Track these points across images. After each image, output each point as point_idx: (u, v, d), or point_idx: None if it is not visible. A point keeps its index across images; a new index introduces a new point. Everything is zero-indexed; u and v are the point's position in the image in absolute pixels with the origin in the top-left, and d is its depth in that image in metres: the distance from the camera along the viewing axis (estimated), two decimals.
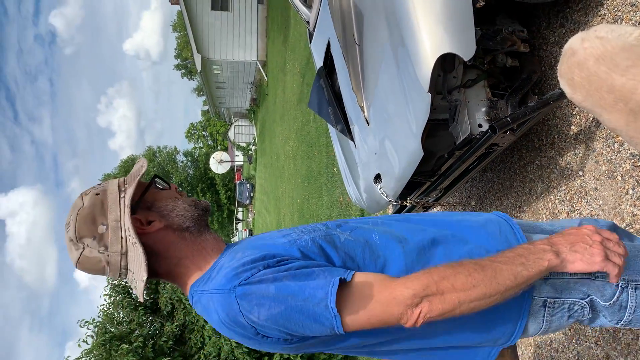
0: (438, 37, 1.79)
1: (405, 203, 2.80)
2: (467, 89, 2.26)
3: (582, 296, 1.09)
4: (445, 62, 2.09)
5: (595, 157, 2.26)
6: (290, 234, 1.10)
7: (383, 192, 2.67)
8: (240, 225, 34.20)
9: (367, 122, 2.53)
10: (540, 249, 0.97)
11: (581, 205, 2.36)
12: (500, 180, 3.06)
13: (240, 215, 36.49)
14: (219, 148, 41.55)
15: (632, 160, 2.06)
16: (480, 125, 2.21)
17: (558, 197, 2.52)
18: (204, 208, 1.17)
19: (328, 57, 2.88)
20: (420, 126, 2.00)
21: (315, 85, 3.09)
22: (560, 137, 2.48)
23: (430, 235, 1.13)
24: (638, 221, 2.04)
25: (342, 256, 1.06)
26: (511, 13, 2.41)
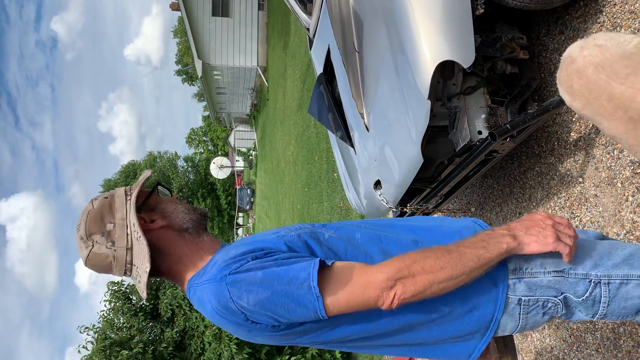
0: (437, 44, 1.79)
1: (405, 209, 2.80)
2: (466, 96, 2.27)
3: (556, 294, 1.15)
4: (445, 69, 2.10)
5: (595, 164, 2.26)
6: (279, 232, 1.20)
7: (383, 199, 2.67)
8: (240, 231, 34.07)
9: (367, 129, 2.53)
10: (499, 233, 1.08)
11: (581, 212, 2.35)
12: (500, 187, 3.06)
13: (240, 221, 36.40)
14: (219, 153, 41.56)
15: (632, 167, 2.06)
16: (480, 132, 2.22)
17: (558, 204, 2.51)
18: (202, 213, 1.27)
19: (328, 63, 2.89)
20: (420, 133, 2.00)
21: (315, 91, 3.10)
22: (560, 143, 2.48)
23: (409, 240, 1.22)
24: (638, 228, 2.03)
25: (325, 251, 1.14)
26: (510, 20, 2.41)
